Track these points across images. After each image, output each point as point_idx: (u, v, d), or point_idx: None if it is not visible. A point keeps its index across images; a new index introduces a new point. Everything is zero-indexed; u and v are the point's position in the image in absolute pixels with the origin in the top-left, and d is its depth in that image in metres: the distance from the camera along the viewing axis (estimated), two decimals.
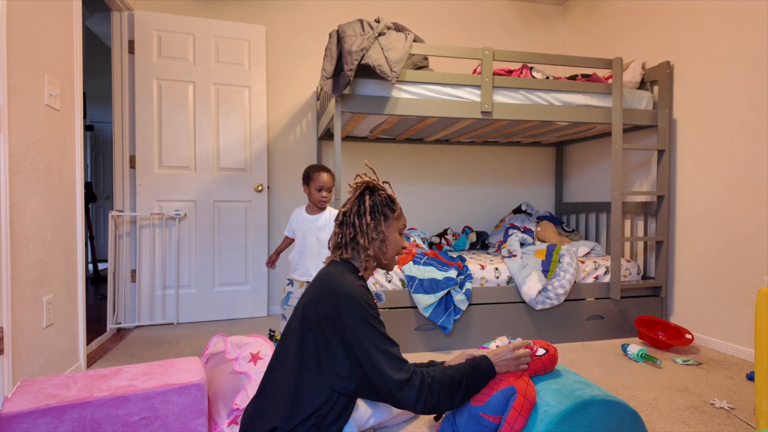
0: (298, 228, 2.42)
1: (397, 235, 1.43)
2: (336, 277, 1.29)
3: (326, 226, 2.38)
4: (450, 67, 3.58)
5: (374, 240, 1.38)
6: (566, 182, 3.87)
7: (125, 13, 2.99)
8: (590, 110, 2.64)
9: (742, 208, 2.39)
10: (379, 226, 1.38)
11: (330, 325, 1.23)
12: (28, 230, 1.73)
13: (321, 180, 2.31)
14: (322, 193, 2.32)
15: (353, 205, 1.39)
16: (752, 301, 2.33)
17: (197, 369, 1.41)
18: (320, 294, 1.28)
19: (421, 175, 3.70)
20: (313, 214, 2.39)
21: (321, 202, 2.34)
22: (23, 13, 1.70)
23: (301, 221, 2.40)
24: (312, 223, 2.38)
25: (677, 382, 2.05)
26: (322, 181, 2.31)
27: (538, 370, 1.38)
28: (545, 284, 2.58)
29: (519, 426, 1.23)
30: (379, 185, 1.43)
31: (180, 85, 3.07)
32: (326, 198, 2.34)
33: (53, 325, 1.93)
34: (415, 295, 2.45)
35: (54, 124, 1.93)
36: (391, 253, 1.43)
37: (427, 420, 1.68)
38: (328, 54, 2.27)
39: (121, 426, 1.23)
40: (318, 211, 2.39)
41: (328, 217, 2.39)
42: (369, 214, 1.36)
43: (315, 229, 2.37)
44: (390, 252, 1.42)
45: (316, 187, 2.32)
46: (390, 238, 1.41)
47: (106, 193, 5.89)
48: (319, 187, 2.31)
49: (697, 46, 2.63)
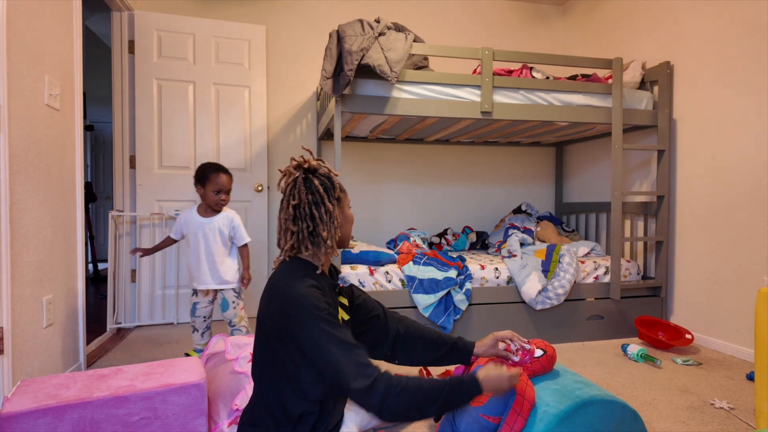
0: (189, 231, 2.19)
1: (349, 210, 1.33)
2: (282, 280, 1.18)
3: (223, 229, 2.19)
4: (450, 67, 3.58)
5: (336, 228, 1.24)
6: (566, 182, 3.87)
7: (125, 13, 2.99)
8: (590, 110, 2.64)
9: (742, 208, 2.39)
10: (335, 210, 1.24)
11: (284, 333, 1.14)
12: (28, 230, 1.73)
13: (220, 182, 2.12)
14: (221, 196, 2.14)
15: (302, 193, 1.20)
16: (752, 301, 2.33)
17: (197, 369, 1.41)
18: (270, 300, 1.18)
19: (421, 175, 3.70)
20: (207, 217, 2.18)
21: (218, 205, 2.16)
22: (23, 13, 1.70)
23: (194, 224, 2.18)
24: (206, 226, 2.17)
25: (677, 382, 2.05)
26: (221, 182, 2.12)
27: (536, 370, 1.37)
28: (545, 284, 2.58)
29: (518, 426, 1.23)
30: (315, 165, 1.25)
31: (180, 85, 3.07)
32: (225, 201, 2.17)
33: (53, 325, 1.93)
34: (415, 295, 2.45)
35: (54, 124, 1.93)
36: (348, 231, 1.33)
37: (427, 420, 1.68)
38: (328, 54, 2.27)
39: (121, 426, 1.23)
40: (212, 213, 2.19)
41: (226, 220, 2.20)
42: (328, 201, 1.22)
43: (209, 232, 2.17)
44: (347, 231, 1.33)
45: (214, 189, 2.12)
46: (347, 218, 1.31)
47: (106, 193, 5.89)
48: (218, 189, 2.12)
49: (697, 46, 2.63)
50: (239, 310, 2.24)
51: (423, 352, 1.46)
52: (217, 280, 2.19)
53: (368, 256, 2.56)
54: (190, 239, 2.20)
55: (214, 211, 2.19)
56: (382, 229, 3.63)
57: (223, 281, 2.20)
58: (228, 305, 2.22)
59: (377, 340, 1.47)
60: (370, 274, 2.48)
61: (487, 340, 1.43)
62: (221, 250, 2.19)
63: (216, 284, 2.19)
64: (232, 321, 2.24)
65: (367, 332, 1.47)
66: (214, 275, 2.19)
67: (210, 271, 2.18)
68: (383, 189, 3.63)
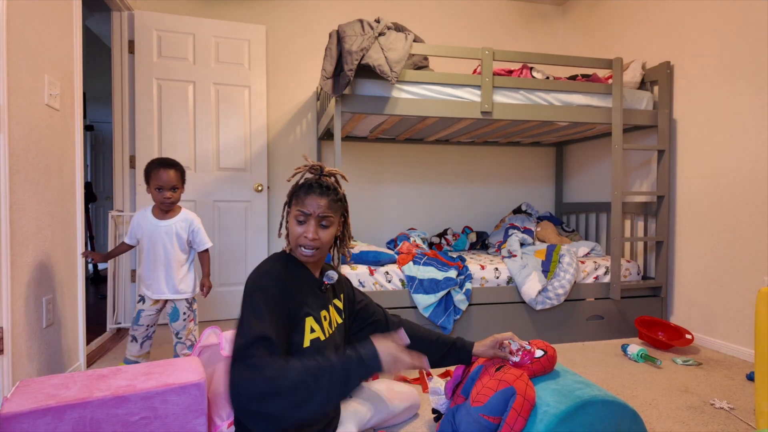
0: (144, 235, 1.98)
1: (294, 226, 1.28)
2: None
3: (181, 233, 1.99)
4: (450, 67, 3.58)
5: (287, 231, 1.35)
6: (566, 182, 3.87)
7: (125, 13, 2.99)
8: (590, 110, 2.64)
9: (741, 208, 2.39)
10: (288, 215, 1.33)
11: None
12: (28, 230, 1.73)
13: (160, 178, 1.90)
14: (165, 193, 1.92)
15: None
16: (752, 301, 2.33)
17: (197, 369, 1.41)
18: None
19: (421, 175, 3.70)
20: (163, 219, 1.98)
21: (164, 204, 1.94)
22: (23, 13, 1.70)
23: (148, 226, 1.97)
24: (161, 229, 1.96)
25: (677, 383, 2.05)
26: (162, 179, 1.90)
27: (537, 371, 1.37)
28: (545, 284, 2.58)
29: (519, 426, 1.23)
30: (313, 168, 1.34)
31: (180, 85, 3.07)
32: (170, 198, 1.93)
33: (53, 325, 1.93)
34: (415, 295, 2.45)
35: (54, 124, 1.93)
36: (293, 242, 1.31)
37: (427, 420, 1.69)
38: (328, 54, 2.27)
39: (121, 426, 1.23)
40: (168, 215, 1.98)
41: (185, 223, 2.00)
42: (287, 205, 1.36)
43: (165, 236, 1.97)
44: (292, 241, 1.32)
45: (156, 186, 1.91)
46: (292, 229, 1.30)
47: (106, 193, 5.89)
48: (159, 186, 1.90)
49: (697, 46, 2.63)
50: (189, 323, 2.04)
51: (423, 353, 1.46)
52: (172, 289, 1.99)
53: (368, 256, 2.56)
54: (144, 243, 1.98)
55: (165, 212, 1.98)
56: (382, 229, 3.63)
57: (178, 291, 1.99)
58: (178, 316, 2.02)
59: None
60: (370, 274, 2.48)
61: (486, 341, 1.44)
62: (179, 256, 1.99)
63: (171, 294, 1.99)
64: (180, 333, 2.04)
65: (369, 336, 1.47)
66: (169, 284, 1.98)
67: (165, 278, 1.97)
68: (383, 189, 3.63)
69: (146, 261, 1.98)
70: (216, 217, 3.16)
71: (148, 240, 1.97)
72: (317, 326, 1.25)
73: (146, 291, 1.99)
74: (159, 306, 2.02)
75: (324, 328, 1.28)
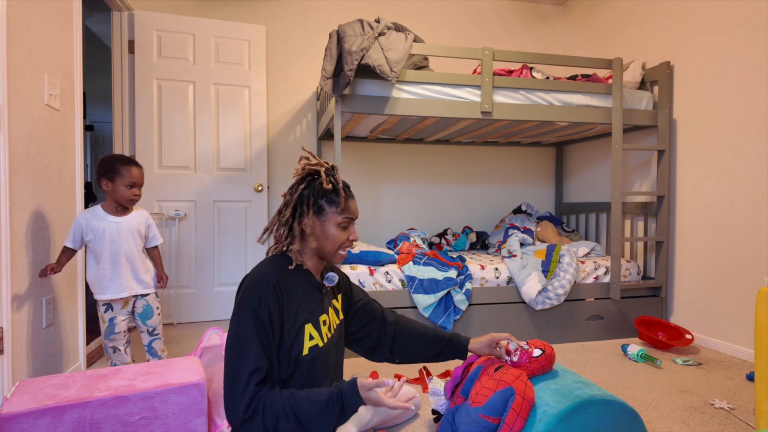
0: (97, 234, 1.85)
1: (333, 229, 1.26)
2: (253, 269, 1.23)
3: (140, 229, 1.96)
4: (450, 67, 3.58)
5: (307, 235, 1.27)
6: (566, 182, 3.87)
7: (125, 13, 2.99)
8: (590, 110, 2.64)
9: (741, 208, 2.38)
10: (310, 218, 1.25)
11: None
12: (28, 230, 1.73)
13: (133, 175, 1.86)
14: (135, 191, 1.88)
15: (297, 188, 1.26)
16: (752, 301, 2.33)
17: (197, 369, 1.41)
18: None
19: (421, 175, 3.70)
20: (123, 216, 1.91)
21: (131, 202, 1.90)
22: (23, 13, 1.70)
23: (105, 225, 1.87)
24: (122, 225, 1.90)
25: (677, 383, 2.05)
26: (135, 176, 1.87)
27: (536, 370, 1.37)
28: (545, 284, 2.58)
29: (518, 426, 1.23)
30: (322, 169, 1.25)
31: (180, 85, 3.07)
32: (139, 195, 1.91)
33: (53, 325, 1.93)
34: (415, 295, 2.45)
35: (54, 124, 1.93)
36: (328, 248, 1.28)
37: (427, 420, 1.69)
38: (328, 54, 2.27)
39: (121, 426, 1.23)
40: (124, 212, 1.93)
41: (142, 218, 1.98)
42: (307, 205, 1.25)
43: (126, 232, 1.90)
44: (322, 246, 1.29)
45: (127, 183, 1.85)
46: (326, 234, 1.26)
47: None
48: (131, 184, 1.86)
49: (697, 46, 2.63)
50: (159, 317, 2.05)
51: (420, 350, 1.49)
52: (142, 284, 1.95)
53: (368, 256, 2.56)
54: (99, 243, 1.85)
55: (124, 209, 1.93)
56: (382, 229, 3.63)
57: (147, 285, 1.97)
58: (152, 312, 1.99)
59: (376, 343, 1.48)
60: (370, 274, 2.48)
61: (483, 339, 1.44)
62: (139, 252, 1.96)
63: (142, 288, 1.95)
64: (156, 330, 2.01)
65: (367, 336, 1.48)
66: (136, 279, 1.93)
67: (132, 275, 1.92)
68: (383, 189, 3.63)
69: (105, 261, 1.87)
70: (216, 217, 3.16)
71: (108, 239, 1.87)
72: (316, 333, 1.24)
73: (110, 294, 1.88)
74: (129, 308, 1.96)
75: (323, 333, 1.27)
